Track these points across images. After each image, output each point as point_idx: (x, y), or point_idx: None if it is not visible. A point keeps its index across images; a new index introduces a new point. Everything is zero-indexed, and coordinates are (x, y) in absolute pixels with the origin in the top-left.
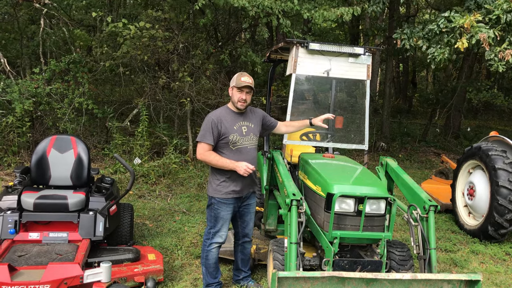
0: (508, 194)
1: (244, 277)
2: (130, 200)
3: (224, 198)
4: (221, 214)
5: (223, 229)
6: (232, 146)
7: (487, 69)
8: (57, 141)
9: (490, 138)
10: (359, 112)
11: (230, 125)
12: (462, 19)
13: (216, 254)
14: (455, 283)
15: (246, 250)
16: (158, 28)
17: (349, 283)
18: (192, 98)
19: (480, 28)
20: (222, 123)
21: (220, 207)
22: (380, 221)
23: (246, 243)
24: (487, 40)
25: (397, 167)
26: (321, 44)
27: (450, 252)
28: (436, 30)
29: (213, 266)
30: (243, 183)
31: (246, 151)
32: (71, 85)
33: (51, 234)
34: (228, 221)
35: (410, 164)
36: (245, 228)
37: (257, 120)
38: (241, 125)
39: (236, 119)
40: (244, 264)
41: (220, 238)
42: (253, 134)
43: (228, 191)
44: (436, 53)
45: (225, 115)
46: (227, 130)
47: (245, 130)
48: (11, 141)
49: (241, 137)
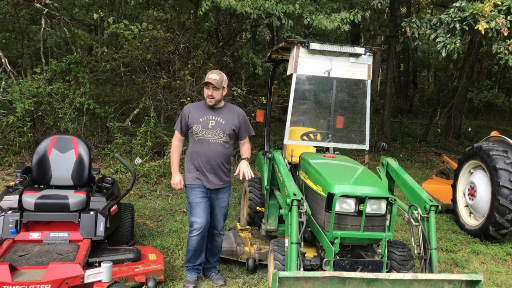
0: (509, 194)
1: (209, 267)
2: (131, 200)
3: (190, 184)
4: (190, 198)
5: (196, 214)
6: (195, 136)
7: (488, 69)
8: (58, 141)
9: (491, 138)
10: (359, 112)
11: (197, 116)
12: (481, 4)
13: (194, 242)
14: (456, 283)
15: (215, 242)
16: (160, 29)
17: (350, 283)
18: (193, 98)
19: (496, 14)
20: (190, 114)
21: (189, 192)
22: (381, 221)
23: (215, 235)
24: (505, 25)
25: (398, 167)
26: (322, 44)
27: (451, 252)
28: (448, 20)
29: (192, 252)
30: (206, 175)
31: (208, 144)
32: (72, 85)
33: (52, 234)
34: (201, 205)
35: (411, 164)
36: (213, 219)
37: (232, 119)
38: (209, 119)
39: (205, 112)
40: (211, 255)
41: (196, 224)
42: (220, 130)
43: (193, 177)
44: (447, 41)
45: (197, 107)
46: (193, 121)
47: (212, 124)
48: (12, 141)
49: (204, 129)
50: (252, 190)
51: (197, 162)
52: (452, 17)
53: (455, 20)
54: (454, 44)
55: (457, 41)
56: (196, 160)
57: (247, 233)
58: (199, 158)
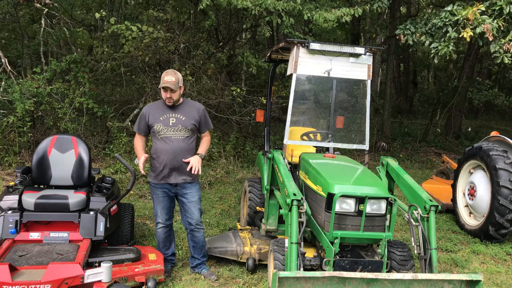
0: (509, 194)
1: (198, 264)
2: (131, 200)
3: (154, 183)
4: (153, 196)
5: (159, 210)
6: (157, 135)
7: (488, 69)
8: (58, 141)
9: (491, 138)
10: (359, 112)
11: (156, 116)
12: (465, 11)
13: (161, 234)
14: (456, 283)
15: (195, 238)
16: (160, 29)
17: (350, 283)
18: (193, 98)
19: (483, 19)
20: (150, 114)
21: (152, 191)
22: (381, 221)
23: (193, 231)
24: (491, 31)
25: (397, 167)
26: (322, 44)
27: (451, 252)
28: (440, 24)
29: (161, 243)
30: (171, 171)
31: (171, 141)
32: (72, 85)
33: (52, 234)
34: (162, 203)
35: (411, 164)
36: (188, 216)
37: (192, 114)
38: (169, 117)
39: (165, 110)
40: (197, 251)
41: (158, 218)
42: (181, 126)
43: (155, 175)
44: (440, 47)
45: (155, 107)
46: (153, 120)
47: (172, 121)
48: (12, 141)
49: (165, 127)
50: (252, 190)
51: (161, 160)
52: (444, 21)
53: (447, 24)
54: (447, 48)
55: (450, 45)
56: (161, 158)
57: (247, 233)
58: (163, 156)
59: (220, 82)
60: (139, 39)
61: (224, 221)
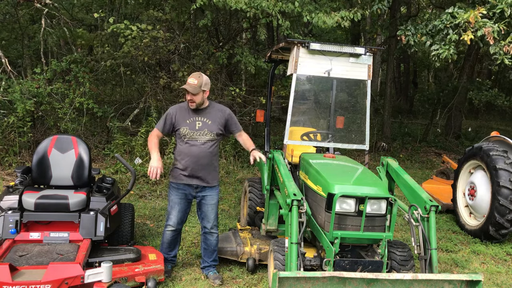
0: (509, 194)
1: (206, 266)
2: (131, 200)
3: (174, 183)
4: (171, 197)
5: (173, 212)
6: (183, 138)
7: (488, 69)
8: (58, 141)
9: (491, 138)
10: (360, 112)
11: (182, 119)
12: (466, 14)
13: (168, 236)
14: (456, 283)
15: (208, 241)
16: (159, 29)
17: (350, 283)
18: None
19: (484, 22)
20: (176, 116)
21: (171, 191)
22: (381, 221)
23: (207, 234)
24: (492, 34)
25: (398, 167)
26: (322, 44)
27: (451, 252)
28: (441, 26)
29: (166, 244)
30: (194, 174)
31: (196, 145)
32: (72, 85)
33: (52, 234)
34: (179, 206)
35: (411, 164)
36: (203, 219)
37: (218, 118)
38: (195, 120)
39: (191, 114)
40: (207, 254)
41: (170, 221)
42: (207, 130)
43: (177, 175)
44: (441, 50)
45: (182, 110)
46: (179, 123)
47: (199, 125)
48: (12, 141)
49: (192, 131)
50: (252, 190)
51: (185, 162)
52: (445, 24)
53: (448, 26)
54: (448, 51)
55: (451, 48)
56: (184, 160)
57: (247, 233)
58: (187, 158)
59: (220, 82)
60: (138, 38)
61: (224, 221)
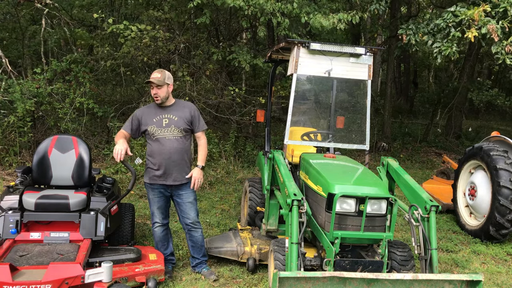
0: (510, 194)
1: (198, 263)
2: (131, 200)
3: (148, 183)
4: (149, 196)
5: (155, 210)
6: (152, 137)
7: (489, 69)
8: (58, 141)
9: (492, 138)
10: (360, 112)
11: (149, 118)
12: (471, 11)
13: (158, 233)
14: (456, 284)
15: (193, 237)
16: (159, 29)
17: (350, 283)
18: (193, 98)
19: (488, 20)
20: (143, 117)
21: (148, 191)
22: (381, 221)
23: (191, 230)
24: (496, 31)
25: (398, 167)
26: (322, 44)
27: (451, 252)
28: (443, 25)
29: (159, 243)
30: (167, 172)
31: (165, 141)
32: (72, 85)
33: (52, 234)
34: (158, 203)
35: (411, 164)
36: (183, 217)
37: (184, 114)
38: (162, 118)
39: (157, 112)
40: (196, 251)
41: (155, 218)
42: (174, 126)
43: (151, 176)
44: (443, 47)
45: (148, 110)
46: (146, 122)
47: (165, 122)
48: (13, 141)
49: (159, 129)
50: (253, 190)
51: (157, 160)
52: (447, 22)
53: (450, 25)
54: (450, 49)
55: (454, 46)
56: (156, 159)
57: (247, 233)
58: (158, 157)
59: (220, 82)
60: (138, 38)
61: (225, 221)
